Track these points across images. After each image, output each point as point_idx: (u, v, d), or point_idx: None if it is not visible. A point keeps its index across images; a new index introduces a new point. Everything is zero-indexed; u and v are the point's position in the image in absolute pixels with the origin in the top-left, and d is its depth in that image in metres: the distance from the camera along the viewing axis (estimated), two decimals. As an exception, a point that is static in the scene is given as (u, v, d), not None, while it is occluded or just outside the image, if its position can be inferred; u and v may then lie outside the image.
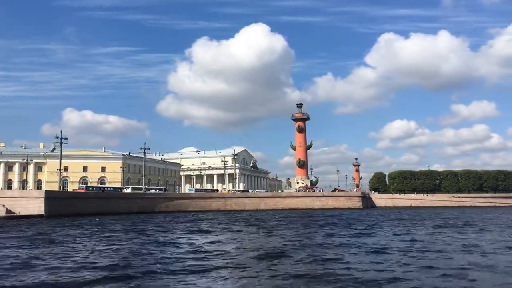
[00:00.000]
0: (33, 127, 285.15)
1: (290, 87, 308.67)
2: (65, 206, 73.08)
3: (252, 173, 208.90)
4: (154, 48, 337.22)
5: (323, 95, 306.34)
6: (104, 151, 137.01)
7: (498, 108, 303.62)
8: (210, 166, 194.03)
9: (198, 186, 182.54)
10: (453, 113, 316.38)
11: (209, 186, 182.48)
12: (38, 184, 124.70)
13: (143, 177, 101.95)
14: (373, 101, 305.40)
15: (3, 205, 66.88)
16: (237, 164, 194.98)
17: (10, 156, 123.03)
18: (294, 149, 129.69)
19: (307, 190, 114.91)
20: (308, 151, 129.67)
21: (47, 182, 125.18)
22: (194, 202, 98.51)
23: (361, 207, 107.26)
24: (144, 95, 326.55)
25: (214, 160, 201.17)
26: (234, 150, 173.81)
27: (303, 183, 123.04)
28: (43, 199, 69.30)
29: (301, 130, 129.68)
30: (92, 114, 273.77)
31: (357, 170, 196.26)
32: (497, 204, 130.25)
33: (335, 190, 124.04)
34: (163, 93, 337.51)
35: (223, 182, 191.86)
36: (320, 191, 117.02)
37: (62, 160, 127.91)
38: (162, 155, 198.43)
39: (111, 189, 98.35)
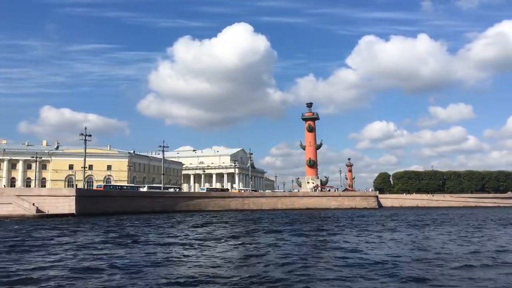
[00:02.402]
0: (9, 124, 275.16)
1: (273, 88, 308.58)
2: (93, 204, 70.77)
3: (250, 172, 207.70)
4: (134, 46, 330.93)
5: (305, 95, 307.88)
6: (109, 149, 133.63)
7: (475, 111, 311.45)
8: (208, 165, 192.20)
9: (197, 186, 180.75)
10: (431, 115, 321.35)
11: (207, 185, 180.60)
12: (42, 183, 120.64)
13: (162, 176, 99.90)
14: (354, 102, 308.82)
15: (33, 204, 64.20)
16: (236, 164, 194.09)
17: (13, 154, 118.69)
18: (304, 149, 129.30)
19: (322, 190, 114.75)
20: (317, 150, 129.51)
21: (51, 180, 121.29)
22: (213, 202, 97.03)
23: (377, 207, 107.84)
24: (125, 93, 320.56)
25: (212, 159, 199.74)
26: (236, 152, 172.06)
27: (313, 183, 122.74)
28: (74, 197, 66.93)
29: (311, 129, 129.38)
30: (70, 112, 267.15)
31: (350, 171, 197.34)
32: (501, 204, 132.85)
33: (345, 190, 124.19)
34: (144, 92, 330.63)
35: (221, 182, 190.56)
36: (335, 190, 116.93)
37: (67, 158, 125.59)
38: (158, 153, 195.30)
39: (129, 188, 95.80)
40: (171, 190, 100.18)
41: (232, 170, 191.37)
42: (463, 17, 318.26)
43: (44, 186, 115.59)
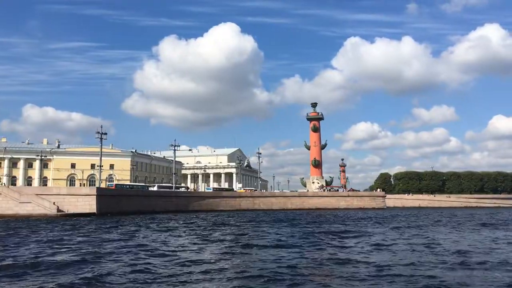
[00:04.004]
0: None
1: (259, 88, 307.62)
2: (111, 204, 69.26)
3: (247, 172, 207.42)
4: (118, 44, 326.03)
5: (291, 96, 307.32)
6: (112, 147, 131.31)
7: (457, 113, 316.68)
8: (206, 165, 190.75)
9: (203, 185, 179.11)
10: (415, 116, 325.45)
11: (204, 185, 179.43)
12: (44, 182, 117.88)
13: (174, 175, 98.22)
14: (340, 103, 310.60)
15: (54, 203, 62.49)
16: (233, 163, 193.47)
17: (14, 152, 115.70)
18: (309, 149, 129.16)
19: (331, 190, 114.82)
20: (322, 150, 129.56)
21: (53, 179, 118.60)
22: (224, 201, 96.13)
23: (385, 207, 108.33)
24: (109, 92, 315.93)
25: (209, 159, 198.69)
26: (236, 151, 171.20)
27: (318, 183, 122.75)
28: (95, 196, 65.34)
29: (316, 129, 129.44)
30: (54, 111, 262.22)
31: (343, 171, 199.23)
32: (501, 205, 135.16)
33: (351, 190, 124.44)
34: (129, 91, 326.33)
35: (219, 181, 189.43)
36: (343, 191, 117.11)
37: (69, 157, 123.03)
38: (154, 153, 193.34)
39: (139, 187, 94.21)
40: (182, 189, 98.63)
41: (229, 170, 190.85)
42: (447, 21, 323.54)
43: (46, 185, 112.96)
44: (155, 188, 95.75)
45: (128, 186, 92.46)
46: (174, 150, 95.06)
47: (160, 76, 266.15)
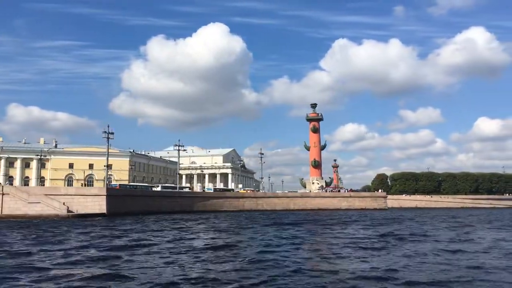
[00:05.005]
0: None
1: (248, 89, 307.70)
2: (120, 204, 68.35)
3: (242, 173, 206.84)
4: (105, 44, 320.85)
5: (280, 97, 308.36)
6: (110, 147, 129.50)
7: (443, 115, 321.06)
8: (201, 166, 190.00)
9: (193, 186, 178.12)
10: (401, 118, 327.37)
11: (199, 185, 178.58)
12: (41, 182, 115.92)
13: (178, 176, 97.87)
14: (328, 104, 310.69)
15: (64, 203, 61.43)
16: (229, 164, 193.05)
17: (11, 152, 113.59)
18: (308, 150, 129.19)
19: (333, 191, 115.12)
20: (322, 151, 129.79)
21: (51, 179, 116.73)
22: (228, 202, 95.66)
23: (386, 207, 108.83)
24: (96, 92, 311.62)
25: (204, 159, 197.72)
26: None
27: (318, 183, 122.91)
28: (105, 196, 64.40)
29: (316, 130, 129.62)
30: (39, 110, 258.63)
31: (336, 171, 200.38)
32: (496, 205, 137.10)
33: (350, 190, 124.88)
34: (116, 91, 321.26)
35: (214, 182, 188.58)
36: (345, 191, 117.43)
37: (66, 157, 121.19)
38: (148, 153, 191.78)
39: (143, 187, 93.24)
40: (186, 189, 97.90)
41: (225, 170, 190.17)
42: (433, 23, 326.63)
43: (43, 185, 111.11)
44: (158, 189, 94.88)
45: (131, 187, 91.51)
46: (178, 150, 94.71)
47: (148, 76, 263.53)
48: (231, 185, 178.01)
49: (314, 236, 33.21)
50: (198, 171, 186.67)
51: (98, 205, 63.76)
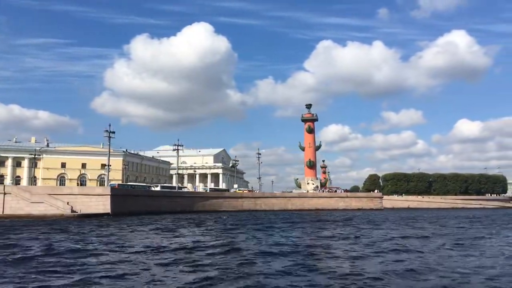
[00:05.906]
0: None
1: (232, 89, 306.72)
2: (123, 204, 67.28)
3: (232, 173, 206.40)
4: (88, 42, 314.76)
5: (264, 98, 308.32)
6: (103, 147, 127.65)
7: (424, 116, 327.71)
8: (192, 165, 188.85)
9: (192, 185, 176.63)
10: (384, 119, 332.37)
11: (190, 185, 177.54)
12: (33, 181, 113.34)
13: (176, 175, 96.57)
14: (312, 106, 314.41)
15: (68, 203, 60.16)
16: (220, 164, 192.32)
17: (2, 151, 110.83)
18: (303, 150, 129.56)
19: (330, 191, 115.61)
20: (316, 152, 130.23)
21: (43, 178, 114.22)
22: (227, 202, 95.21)
23: (382, 208, 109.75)
24: (78, 90, 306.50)
25: (194, 159, 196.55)
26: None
27: (314, 184, 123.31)
28: (109, 196, 63.30)
29: (311, 130, 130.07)
30: (19, 109, 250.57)
31: (324, 172, 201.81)
32: (486, 206, 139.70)
33: (346, 190, 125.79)
34: (99, 89, 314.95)
35: (205, 182, 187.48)
36: (341, 191, 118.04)
37: (59, 156, 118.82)
38: (137, 152, 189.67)
39: (140, 187, 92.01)
40: (186, 189, 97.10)
41: (216, 170, 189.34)
42: (416, 26, 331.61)
43: (36, 184, 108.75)
44: (158, 188, 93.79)
45: (130, 186, 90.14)
46: (178, 150, 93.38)
47: (132, 75, 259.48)
48: (222, 185, 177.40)
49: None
50: (190, 171, 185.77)
51: (102, 204, 62.63)
